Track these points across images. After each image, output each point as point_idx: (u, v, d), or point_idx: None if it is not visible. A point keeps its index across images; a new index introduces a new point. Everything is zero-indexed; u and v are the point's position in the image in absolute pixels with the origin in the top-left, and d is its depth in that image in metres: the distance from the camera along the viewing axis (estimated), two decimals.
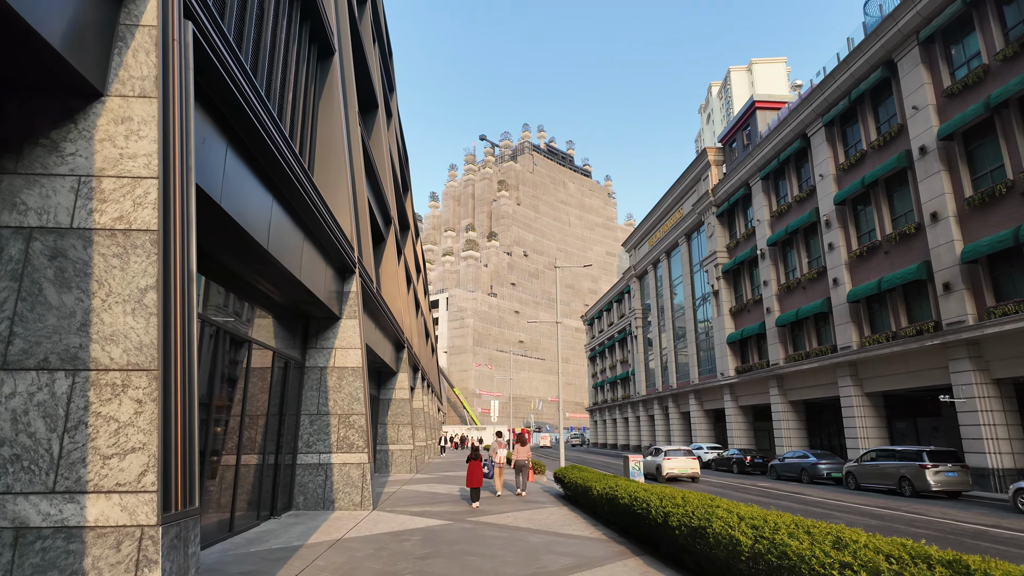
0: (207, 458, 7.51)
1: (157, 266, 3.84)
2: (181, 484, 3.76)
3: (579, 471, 12.84)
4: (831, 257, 27.77)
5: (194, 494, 3.93)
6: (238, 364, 8.81)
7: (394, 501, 12.93)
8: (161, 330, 3.77)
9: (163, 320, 3.81)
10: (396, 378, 22.21)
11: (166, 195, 4.03)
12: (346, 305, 11.94)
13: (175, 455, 3.72)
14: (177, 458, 3.73)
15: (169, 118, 4.17)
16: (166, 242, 3.95)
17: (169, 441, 3.69)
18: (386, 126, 31.48)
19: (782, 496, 18.74)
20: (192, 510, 3.93)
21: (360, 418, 11.42)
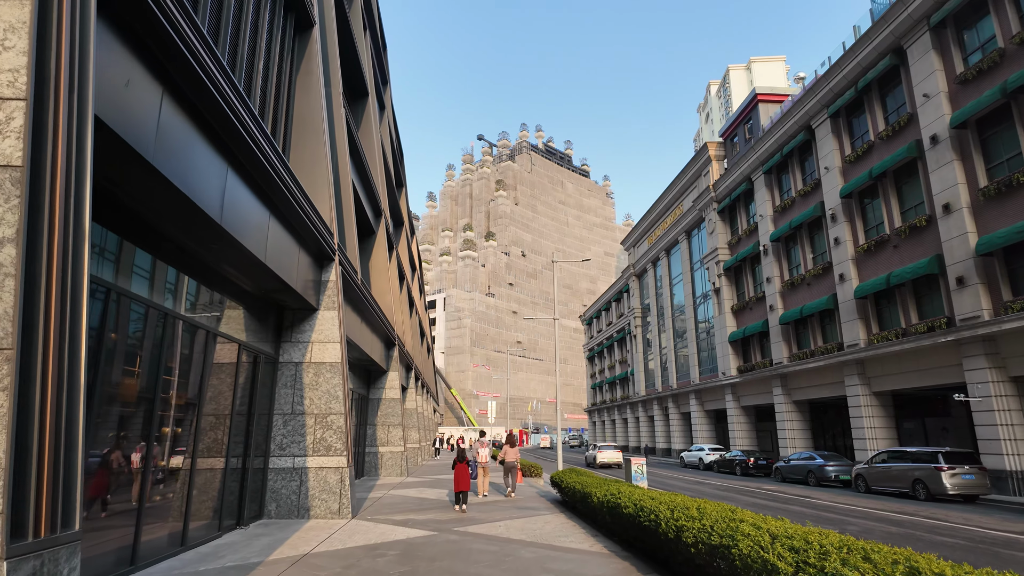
0: (148, 465, 6.56)
1: (19, 212, 2.91)
2: (46, 503, 2.83)
3: (577, 475, 11.91)
4: (837, 252, 26.87)
5: (70, 515, 3.00)
6: (198, 357, 7.87)
7: (377, 508, 11.97)
8: (21, 297, 2.84)
9: (25, 284, 2.88)
10: (386, 377, 21.25)
11: (39, 123, 3.10)
12: (324, 295, 10.99)
13: (35, 464, 2.79)
14: (40, 468, 2.81)
15: (49, 28, 3.24)
16: (36, 182, 3.02)
17: (26, 445, 2.76)
18: (378, 118, 30.55)
19: (790, 500, 17.82)
20: (66, 536, 2.99)
21: (339, 418, 10.47)
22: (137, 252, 6.37)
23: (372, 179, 20.69)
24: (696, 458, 34.20)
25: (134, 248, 6.26)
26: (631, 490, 8.03)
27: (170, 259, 7.06)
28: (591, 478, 10.86)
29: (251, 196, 7.51)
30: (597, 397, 71.27)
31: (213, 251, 7.23)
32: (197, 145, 5.98)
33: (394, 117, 38.31)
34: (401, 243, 34.81)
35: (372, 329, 17.87)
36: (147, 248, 6.59)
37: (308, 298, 10.46)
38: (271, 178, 7.69)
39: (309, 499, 10.15)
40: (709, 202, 39.10)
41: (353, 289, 13.53)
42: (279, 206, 8.58)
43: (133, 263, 6.25)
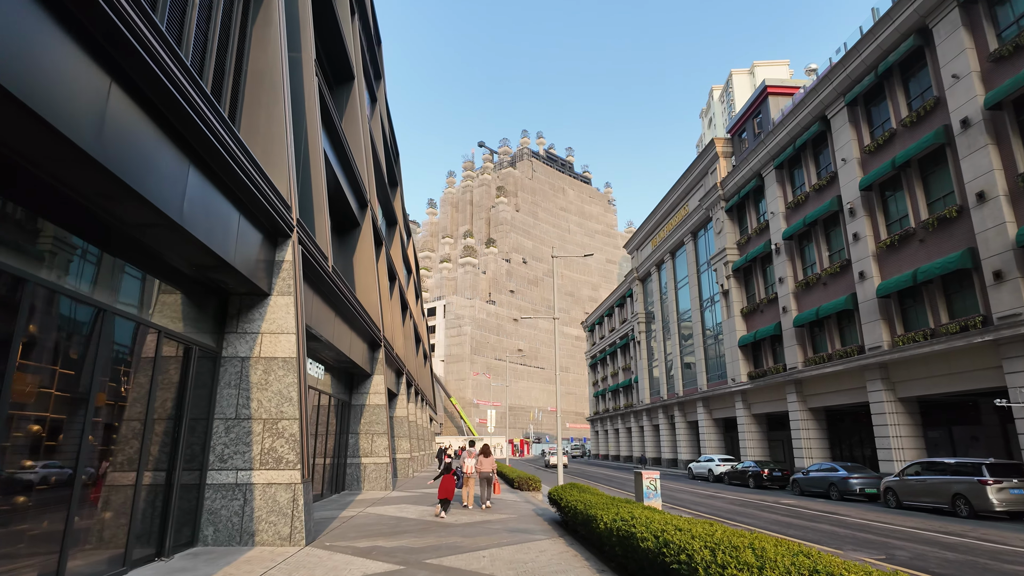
0: None
1: None
2: None
3: (579, 491, 10.15)
4: (856, 249, 25.13)
5: None
6: (102, 348, 6.17)
7: (343, 531, 10.19)
8: None
9: None
10: (371, 381, 19.50)
11: None
12: (277, 278, 9.28)
13: None
14: None
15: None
16: None
17: None
18: (368, 109, 29.02)
19: (816, 517, 15.98)
20: None
21: (292, 424, 8.73)
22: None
23: (356, 167, 19.05)
24: (705, 469, 32.32)
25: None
26: (648, 514, 6.29)
27: (49, 212, 5.37)
28: (595, 496, 9.09)
29: (157, 134, 5.81)
30: (600, 406, 69.30)
31: (97, 198, 5.53)
32: (58, 43, 4.30)
33: (389, 115, 36.83)
34: (394, 243, 33.19)
35: (351, 326, 16.14)
36: (17, 197, 4.92)
37: (257, 281, 8.75)
38: (188, 117, 6.01)
39: (254, 522, 8.38)
40: (716, 200, 37.42)
41: (323, 278, 11.82)
42: (207, 158, 6.89)
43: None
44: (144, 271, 7.03)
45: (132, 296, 6.85)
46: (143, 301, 7.08)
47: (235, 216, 7.88)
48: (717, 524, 5.43)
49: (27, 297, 5.13)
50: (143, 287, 7.11)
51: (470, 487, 15.28)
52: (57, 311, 5.62)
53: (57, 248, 5.61)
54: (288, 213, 9.38)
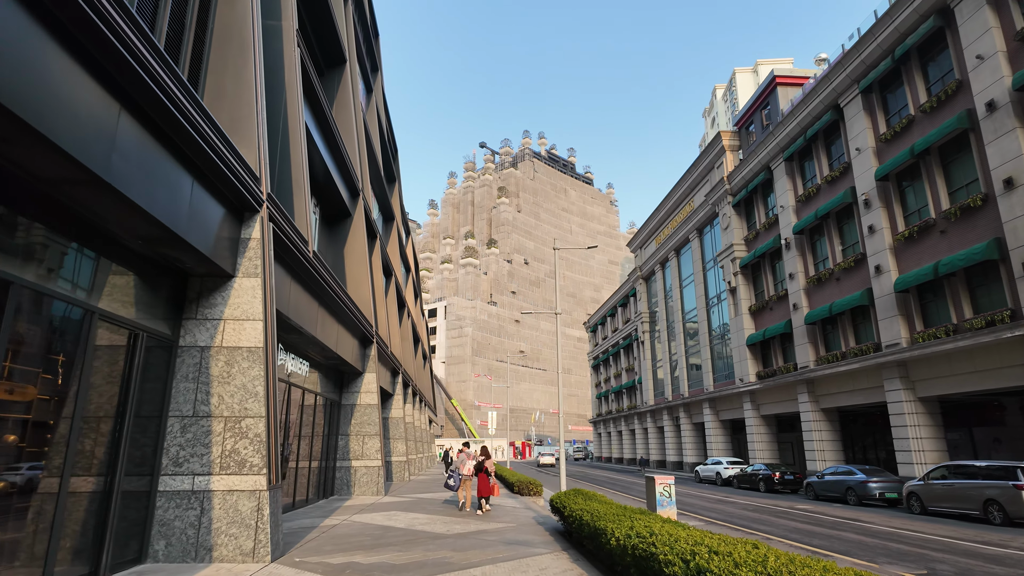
0: None
1: None
2: None
3: (585, 499, 9.05)
4: (872, 242, 24.01)
5: None
6: (28, 334, 5.12)
7: (320, 543, 9.11)
8: None
9: None
10: (362, 379, 18.43)
11: None
12: (243, 258, 8.21)
13: None
14: None
15: None
16: None
17: None
18: (364, 100, 28.04)
19: (839, 524, 14.85)
20: None
21: (257, 422, 7.66)
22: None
23: (347, 155, 18.01)
24: (713, 472, 31.18)
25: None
26: (670, 530, 5.21)
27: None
28: (604, 504, 8.01)
29: (67, 61, 4.76)
30: (602, 407, 68.14)
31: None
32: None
33: (386, 109, 35.83)
34: (392, 240, 32.18)
35: (339, 320, 15.08)
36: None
37: (218, 260, 7.69)
38: (109, 45, 4.95)
39: (212, 535, 7.31)
40: (723, 195, 36.32)
41: (302, 263, 10.76)
42: (146, 108, 5.83)
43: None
44: (71, 240, 5.97)
45: (59, 271, 5.79)
46: (74, 277, 6.02)
47: (187, 182, 6.82)
48: (763, 546, 4.36)
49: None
50: (75, 261, 6.06)
51: (467, 490, 14.81)
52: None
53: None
54: (256, 186, 8.33)
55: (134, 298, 7.11)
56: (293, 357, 13.32)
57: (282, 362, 12.49)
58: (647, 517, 6.38)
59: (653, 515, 6.56)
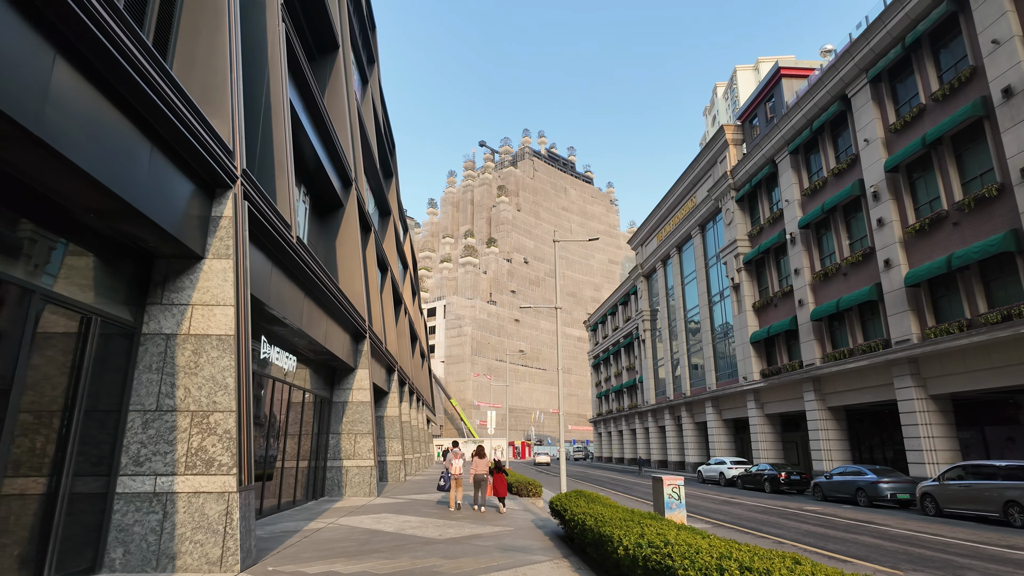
0: None
1: None
2: None
3: (587, 502, 8.36)
4: (881, 235, 23.31)
5: None
6: None
7: (299, 549, 8.40)
8: None
9: None
10: (354, 376, 17.73)
11: None
12: (213, 238, 7.51)
13: None
14: None
15: None
16: None
17: None
18: (359, 91, 27.39)
19: (852, 527, 14.15)
20: None
21: (227, 418, 6.96)
22: None
23: (338, 142, 17.32)
24: (716, 472, 30.49)
25: None
26: (688, 538, 4.52)
27: None
28: (608, 508, 7.30)
29: None
30: (603, 407, 67.43)
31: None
32: None
33: (383, 102, 35.17)
34: (388, 235, 31.50)
35: (328, 312, 14.38)
36: None
37: (186, 240, 7.00)
38: None
39: (176, 541, 6.60)
40: (726, 190, 35.61)
41: (285, 249, 10.06)
42: (91, 58, 5.14)
43: None
44: (40, 227, 5.28)
45: (21, 258, 5.10)
46: (12, 254, 5.32)
47: (144, 149, 6.12)
48: (806, 561, 3.65)
49: None
50: (12, 236, 5.36)
51: (457, 490, 14.40)
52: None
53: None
54: (229, 161, 7.63)
55: (91, 280, 6.42)
56: (279, 351, 12.63)
57: (266, 355, 11.80)
58: (658, 523, 5.69)
59: (665, 520, 5.87)
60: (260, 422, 12.05)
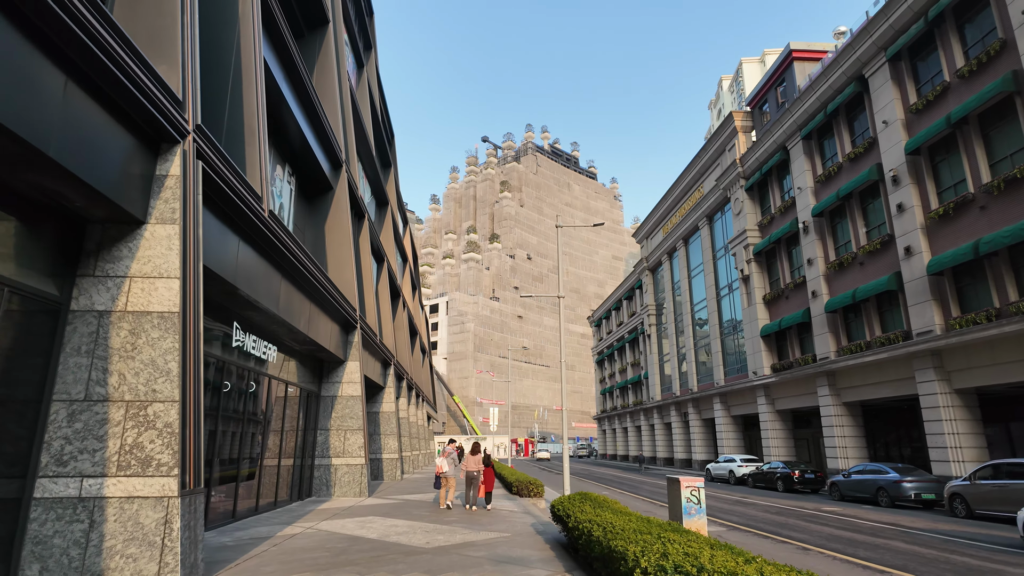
0: None
1: None
2: None
3: (594, 507, 7.28)
4: (901, 222, 22.13)
5: None
6: None
7: (261, 562, 7.34)
8: None
9: None
10: (343, 369, 16.68)
11: None
12: (157, 199, 6.44)
13: None
14: None
15: None
16: None
17: None
18: (353, 73, 26.33)
19: (880, 530, 13.03)
20: None
21: (169, 409, 5.90)
22: None
23: (327, 122, 16.25)
24: (726, 471, 29.39)
25: None
26: (726, 561, 3.45)
27: None
28: (618, 515, 6.21)
29: None
30: (607, 403, 66.33)
31: None
32: None
33: (381, 90, 34.09)
34: (386, 226, 30.45)
35: (311, 299, 13.32)
36: None
37: (123, 201, 5.94)
38: None
39: (104, 556, 5.55)
40: (735, 179, 34.42)
41: (255, 223, 8.99)
42: None
43: None
44: None
45: None
46: None
47: (56, 79, 5.04)
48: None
49: None
50: None
51: (448, 489, 13.91)
52: None
53: None
54: (178, 112, 6.55)
55: (17, 252, 5.37)
56: (255, 339, 11.57)
57: (239, 344, 10.74)
58: (682, 537, 4.63)
59: (691, 535, 4.80)
60: (232, 416, 11.01)
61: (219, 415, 10.21)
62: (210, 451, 9.99)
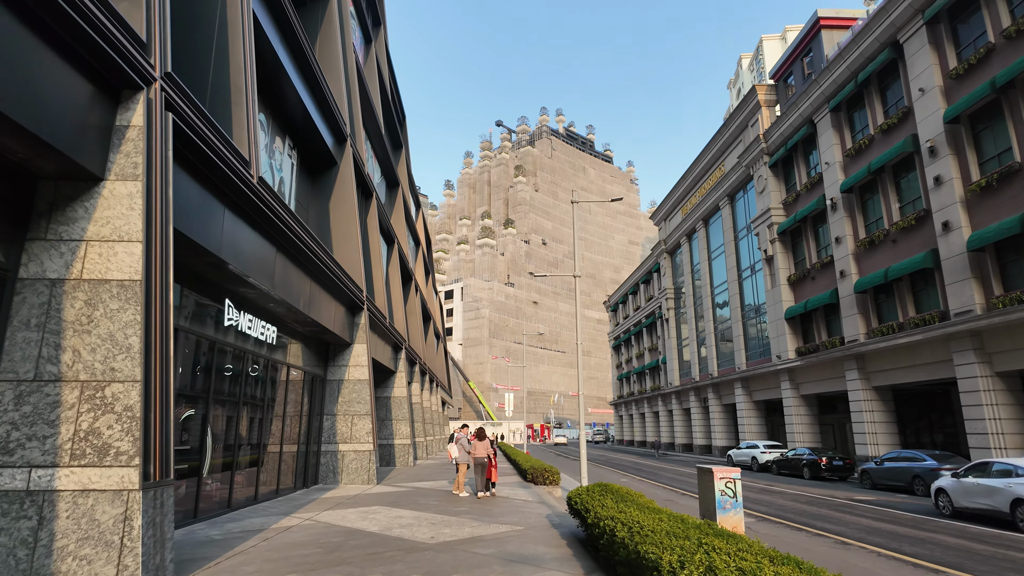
0: None
1: None
2: None
3: (616, 500, 6.47)
4: (938, 195, 20.84)
5: None
6: None
7: (243, 560, 6.63)
8: None
9: None
10: (350, 351, 15.99)
11: None
12: (117, 154, 5.67)
13: None
14: None
15: None
16: None
17: None
18: (361, 48, 25.45)
19: (923, 522, 12.07)
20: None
21: (130, 390, 5.17)
22: None
23: (329, 93, 15.44)
24: (748, 457, 28.45)
25: None
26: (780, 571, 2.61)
27: None
28: (646, 513, 5.36)
29: None
30: (624, 389, 65.44)
31: None
32: None
33: (391, 67, 33.12)
34: (396, 207, 29.69)
35: (312, 276, 12.59)
36: None
37: (78, 155, 5.18)
38: None
39: (54, 558, 4.86)
40: (758, 155, 33.06)
41: (241, 190, 8.22)
42: None
43: None
44: None
45: None
46: None
47: None
48: None
49: None
50: None
51: (460, 476, 13.45)
52: None
53: None
54: (141, 56, 5.75)
55: None
56: (251, 319, 10.87)
57: (233, 323, 10.03)
58: (729, 543, 3.79)
59: (738, 540, 3.96)
60: (227, 399, 10.34)
61: (210, 398, 9.53)
62: (201, 437, 9.33)
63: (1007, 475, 11.90)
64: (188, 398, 9.05)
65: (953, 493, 13.11)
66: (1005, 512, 11.58)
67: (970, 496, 12.56)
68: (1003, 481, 11.84)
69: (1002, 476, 12.00)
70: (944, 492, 13.46)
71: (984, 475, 12.50)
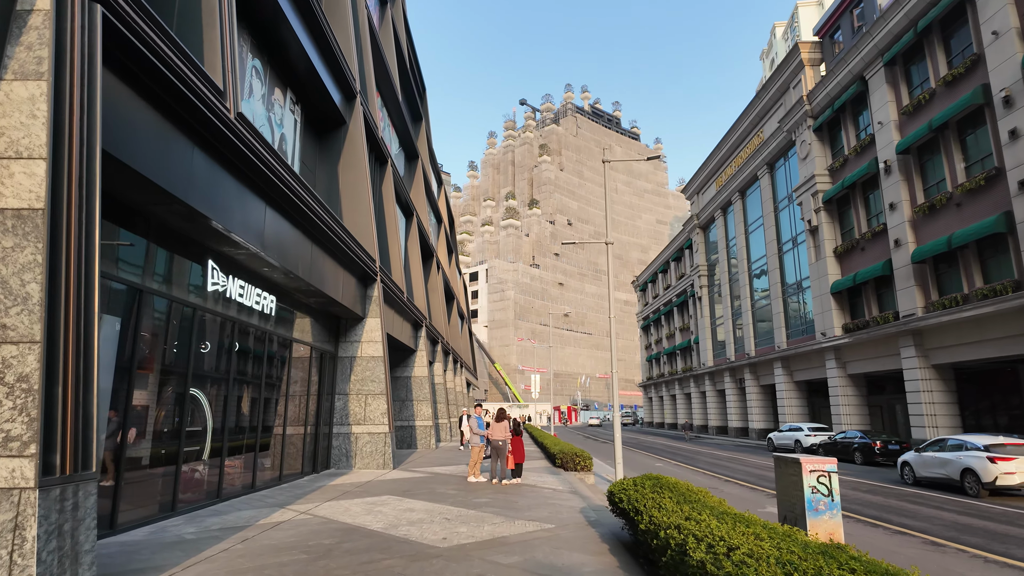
0: None
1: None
2: None
3: (676, 498, 4.99)
4: (1012, 151, 18.63)
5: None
6: None
7: (207, 570, 5.34)
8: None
9: None
10: (362, 326, 14.71)
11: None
12: (16, 44, 4.27)
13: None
14: None
15: None
16: None
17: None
18: (376, 9, 23.95)
19: (1017, 517, 10.35)
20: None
21: (26, 354, 3.84)
22: None
23: (337, 46, 14.01)
24: (791, 440, 26.68)
25: None
26: None
27: None
28: (723, 520, 3.87)
29: None
30: (653, 370, 63.64)
31: None
32: None
33: (409, 36, 31.43)
34: (416, 180, 28.29)
35: (315, 241, 11.26)
36: None
37: None
38: None
39: None
40: (801, 119, 30.74)
41: (213, 123, 6.84)
42: None
43: None
44: None
45: None
46: None
47: None
48: None
49: None
50: None
51: (474, 460, 12.57)
52: None
53: None
54: None
55: None
56: (243, 284, 9.59)
57: (219, 288, 8.75)
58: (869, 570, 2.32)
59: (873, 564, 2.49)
60: (214, 377, 9.11)
61: (189, 374, 8.29)
62: (179, 418, 8.11)
63: (958, 449, 14.15)
64: (163, 373, 7.82)
65: (915, 465, 15.31)
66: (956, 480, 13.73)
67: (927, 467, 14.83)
68: (954, 454, 14.17)
69: (954, 450, 14.29)
70: (908, 464, 15.73)
71: (942, 450, 14.68)
